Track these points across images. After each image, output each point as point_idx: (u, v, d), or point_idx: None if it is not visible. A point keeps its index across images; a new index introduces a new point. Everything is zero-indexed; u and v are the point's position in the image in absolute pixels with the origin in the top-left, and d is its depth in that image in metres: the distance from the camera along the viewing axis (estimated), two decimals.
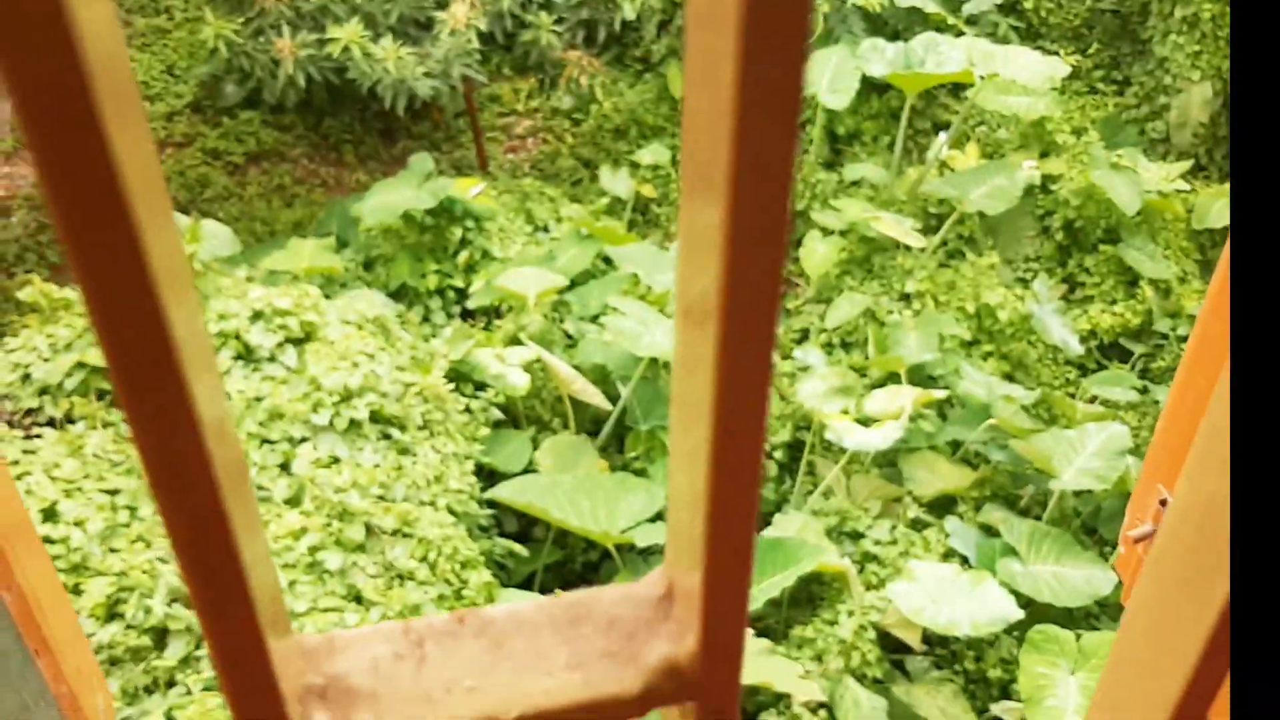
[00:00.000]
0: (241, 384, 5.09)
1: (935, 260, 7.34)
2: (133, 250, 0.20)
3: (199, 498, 0.21)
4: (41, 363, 5.08)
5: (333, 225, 7.74)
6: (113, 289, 0.20)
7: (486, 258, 7.14)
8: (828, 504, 6.04)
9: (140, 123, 0.23)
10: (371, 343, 5.45)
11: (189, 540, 0.22)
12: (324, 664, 0.22)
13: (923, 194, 7.60)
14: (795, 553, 5.47)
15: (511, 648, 0.22)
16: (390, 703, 0.22)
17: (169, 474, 0.21)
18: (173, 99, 9.31)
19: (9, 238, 8.05)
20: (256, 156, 8.86)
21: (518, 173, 8.88)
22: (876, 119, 8.37)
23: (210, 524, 0.21)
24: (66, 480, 4.60)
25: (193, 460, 0.21)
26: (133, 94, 0.23)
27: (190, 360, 0.21)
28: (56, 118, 0.19)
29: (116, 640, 4.16)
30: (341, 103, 9.02)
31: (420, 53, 7.47)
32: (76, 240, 0.21)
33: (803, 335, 7.33)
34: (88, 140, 0.19)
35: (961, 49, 7.15)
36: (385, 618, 4.52)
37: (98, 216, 0.20)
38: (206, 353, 0.23)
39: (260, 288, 5.56)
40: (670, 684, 0.22)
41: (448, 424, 5.46)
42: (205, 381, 0.22)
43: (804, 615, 5.71)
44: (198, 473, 0.21)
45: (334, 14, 7.47)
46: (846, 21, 8.39)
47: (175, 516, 0.22)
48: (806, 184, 7.81)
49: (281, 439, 4.92)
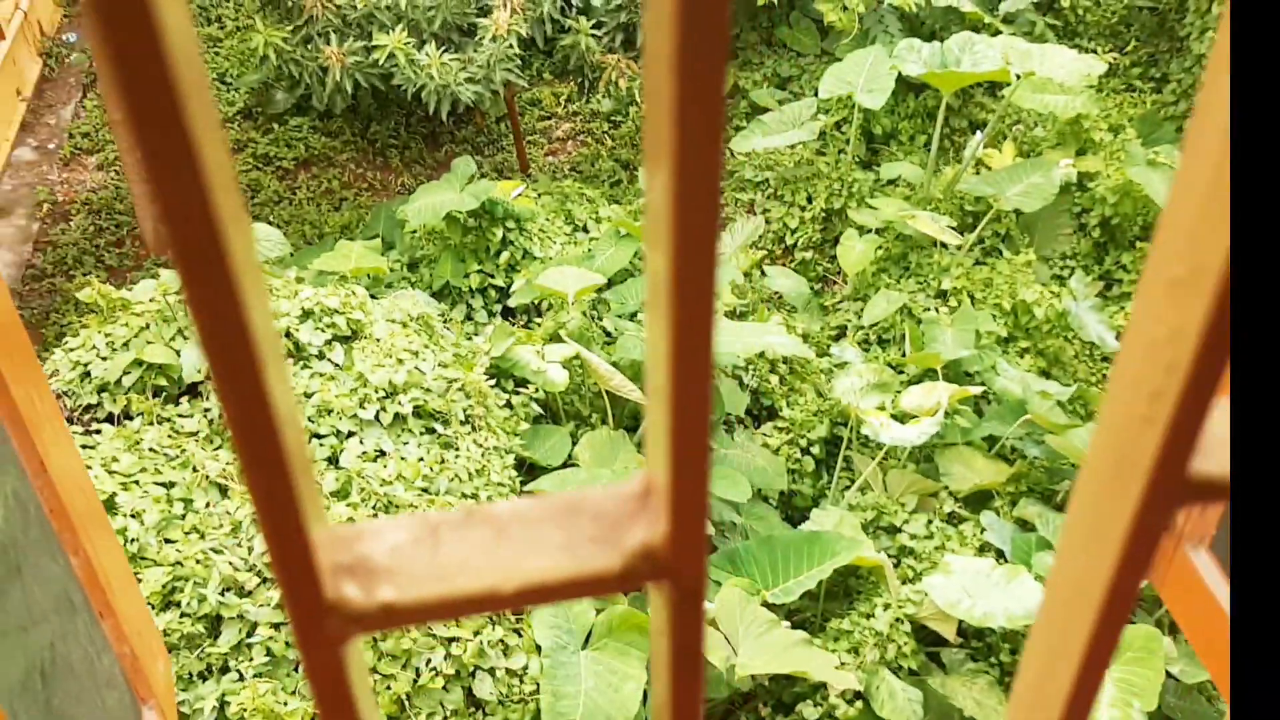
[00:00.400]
0: (291, 380, 5.23)
1: (971, 258, 7.37)
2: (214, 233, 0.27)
3: (263, 421, 0.28)
4: (100, 361, 5.25)
5: (379, 227, 7.91)
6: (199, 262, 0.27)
7: (527, 257, 7.26)
8: (864, 499, 6.10)
9: (216, 124, 0.29)
10: (416, 340, 5.59)
11: (254, 455, 0.29)
12: (354, 547, 0.30)
13: (959, 192, 7.63)
14: (832, 546, 5.54)
15: (513, 535, 0.31)
16: (408, 577, 0.30)
17: (243, 401, 0.29)
18: (225, 106, 9.52)
19: (68, 241, 8.28)
20: (306, 162, 9.05)
21: (558, 174, 9.00)
22: (913, 118, 8.40)
23: (270, 439, 0.29)
24: (124, 474, 4.77)
25: (257, 388, 0.28)
26: (207, 93, 0.29)
27: None
28: (147, 111, 0.26)
29: (172, 628, 4.32)
30: (387, 108, 9.19)
31: (463, 59, 7.61)
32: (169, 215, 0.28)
33: (840, 332, 7.38)
34: (175, 134, 0.26)
35: (998, 48, 7.17)
36: None
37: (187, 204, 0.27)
38: None
39: (309, 288, 5.71)
40: (646, 565, 0.31)
41: (489, 419, 5.58)
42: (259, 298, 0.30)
43: (840, 608, 5.78)
44: (261, 400, 0.28)
45: (380, 21, 7.63)
46: (883, 21, 8.43)
47: (245, 436, 0.29)
48: (844, 183, 7.86)
49: (330, 433, 5.07)
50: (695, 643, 0.33)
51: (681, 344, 0.27)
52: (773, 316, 6.98)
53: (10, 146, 9.16)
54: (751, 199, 8.33)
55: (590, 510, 0.31)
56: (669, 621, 0.32)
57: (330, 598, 0.29)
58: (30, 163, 9.12)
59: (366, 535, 0.31)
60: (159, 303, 5.46)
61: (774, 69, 9.16)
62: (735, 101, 9.14)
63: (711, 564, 5.68)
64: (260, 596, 4.45)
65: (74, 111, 9.72)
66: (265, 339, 0.29)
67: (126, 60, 0.24)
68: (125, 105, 0.26)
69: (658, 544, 0.30)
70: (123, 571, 1.64)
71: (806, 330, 7.17)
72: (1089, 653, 0.33)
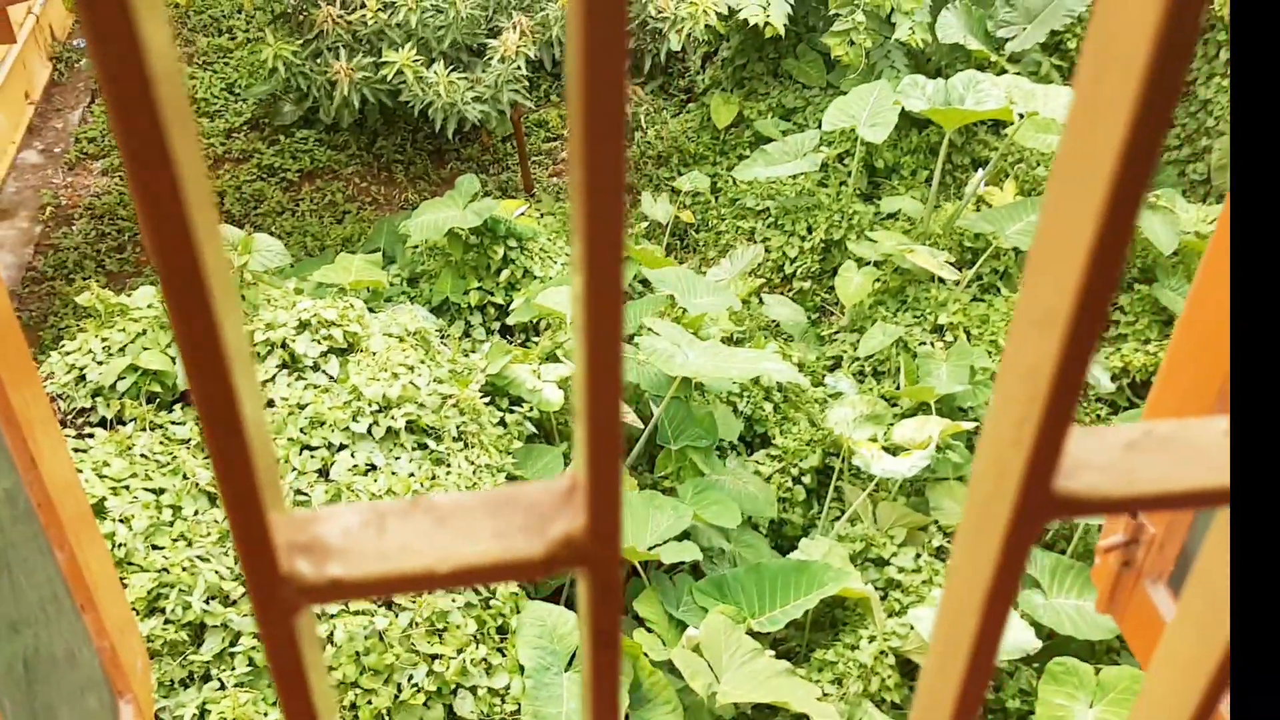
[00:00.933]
0: (285, 391, 5.27)
1: (969, 294, 7.42)
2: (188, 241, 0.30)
3: (230, 415, 0.31)
4: (95, 365, 5.28)
5: (381, 241, 7.96)
6: None
7: (528, 276, 7.31)
8: (854, 530, 6.12)
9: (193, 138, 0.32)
10: (412, 355, 5.62)
11: (220, 444, 0.32)
12: (310, 528, 0.34)
13: (959, 228, 7.69)
14: (819, 576, 5.56)
15: (452, 524, 0.34)
16: (355, 556, 0.33)
17: (212, 397, 0.32)
18: (232, 116, 9.59)
19: (69, 245, 8.33)
20: (311, 174, 9.11)
21: (562, 195, 9.06)
22: (915, 153, 8.47)
23: (235, 431, 0.32)
24: (114, 479, 4.79)
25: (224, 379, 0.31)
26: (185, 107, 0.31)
27: None
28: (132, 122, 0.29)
29: (156, 634, 4.33)
30: (394, 124, 9.26)
31: (471, 78, 7.68)
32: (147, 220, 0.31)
33: (835, 362, 7.42)
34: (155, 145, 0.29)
35: (1001, 87, 7.24)
36: (414, 623, 4.67)
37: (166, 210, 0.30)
38: None
39: (308, 299, 5.75)
40: (566, 552, 0.34)
41: (482, 436, 5.61)
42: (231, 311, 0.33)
43: (826, 639, 5.79)
44: (228, 394, 0.31)
45: (390, 38, 7.70)
46: (889, 57, 8.51)
47: (214, 427, 0.32)
48: (844, 214, 7.92)
49: (321, 445, 5.09)
50: (612, 626, 0.36)
51: (593, 362, 0.30)
52: (769, 344, 7.02)
53: (16, 149, 9.22)
54: (752, 227, 8.39)
55: (523, 503, 0.34)
56: (589, 606, 0.35)
57: (284, 571, 0.32)
58: (36, 166, 9.18)
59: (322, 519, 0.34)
60: (157, 309, 5.50)
61: (779, 100, 9.23)
62: (740, 130, 9.22)
63: (699, 590, 5.69)
64: (245, 606, 4.47)
65: (81, 116, 9.79)
66: (234, 343, 0.32)
67: (111, 76, 0.28)
68: (111, 116, 0.29)
69: (577, 534, 0.33)
70: (107, 570, 1.67)
71: (802, 359, 7.21)
72: (973, 654, 0.36)
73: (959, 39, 8.37)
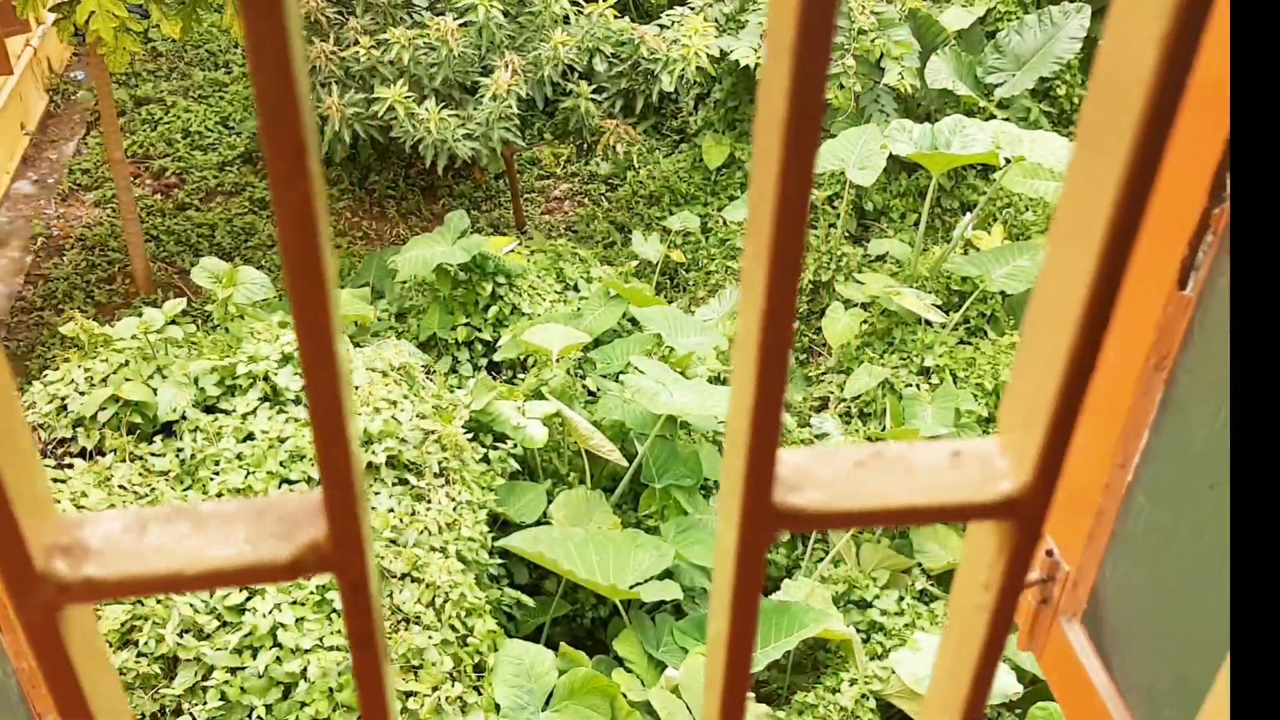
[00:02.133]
0: (266, 424, 5.27)
1: (955, 336, 7.44)
2: None
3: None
4: (77, 396, 5.28)
5: (370, 276, 7.99)
6: None
7: (516, 313, 7.33)
8: (837, 571, 6.10)
9: None
10: (395, 390, 5.62)
11: None
12: (73, 532, 0.35)
13: (946, 271, 7.72)
14: (800, 617, 5.53)
15: (210, 530, 0.35)
16: (112, 557, 0.34)
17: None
18: (226, 149, 9.65)
19: (60, 275, 8.36)
20: None
21: (553, 233, 9.11)
22: (904, 197, 8.53)
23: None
24: (92, 510, 4.78)
25: None
26: None
27: None
28: None
29: (128, 666, 4.30)
30: (387, 160, 9.32)
31: (462, 115, 7.74)
32: None
33: (822, 403, 7.43)
34: None
35: (988, 132, 7.30)
36: (390, 661, 4.63)
37: None
38: None
39: (291, 332, 5.76)
40: (313, 557, 0.35)
41: (464, 472, 5.60)
42: None
43: (807, 681, 5.75)
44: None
45: (382, 75, 7.77)
46: (879, 101, 8.59)
47: None
48: (832, 256, 7.96)
49: (301, 479, 5.08)
50: (367, 628, 0.37)
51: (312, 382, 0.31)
52: None
53: (10, 179, 9.28)
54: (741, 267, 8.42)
55: (277, 511, 0.35)
56: (345, 610, 0.36)
57: (40, 570, 0.33)
58: (28, 196, 9.22)
59: (87, 523, 0.35)
60: (140, 340, 5.51)
61: None
62: (731, 171, 9.28)
63: (679, 630, 5.67)
64: (219, 640, 4.44)
65: (76, 148, 9.86)
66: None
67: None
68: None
69: (323, 542, 0.34)
70: None
71: (789, 399, 7.22)
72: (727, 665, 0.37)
73: (948, 84, 8.45)
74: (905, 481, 0.34)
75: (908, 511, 0.34)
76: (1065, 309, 0.31)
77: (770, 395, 0.31)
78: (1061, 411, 0.32)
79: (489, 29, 7.80)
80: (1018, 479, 0.35)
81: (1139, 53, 0.29)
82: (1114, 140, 0.30)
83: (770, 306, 0.30)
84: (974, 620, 0.37)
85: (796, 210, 0.30)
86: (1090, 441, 1.12)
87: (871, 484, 0.34)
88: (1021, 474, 0.35)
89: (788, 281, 0.30)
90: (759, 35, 8.38)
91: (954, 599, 0.39)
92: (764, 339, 0.30)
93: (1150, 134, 0.29)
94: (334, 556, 0.34)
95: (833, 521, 0.34)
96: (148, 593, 0.33)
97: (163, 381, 5.35)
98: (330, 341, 0.30)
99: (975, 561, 0.37)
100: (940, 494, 0.34)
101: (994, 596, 0.36)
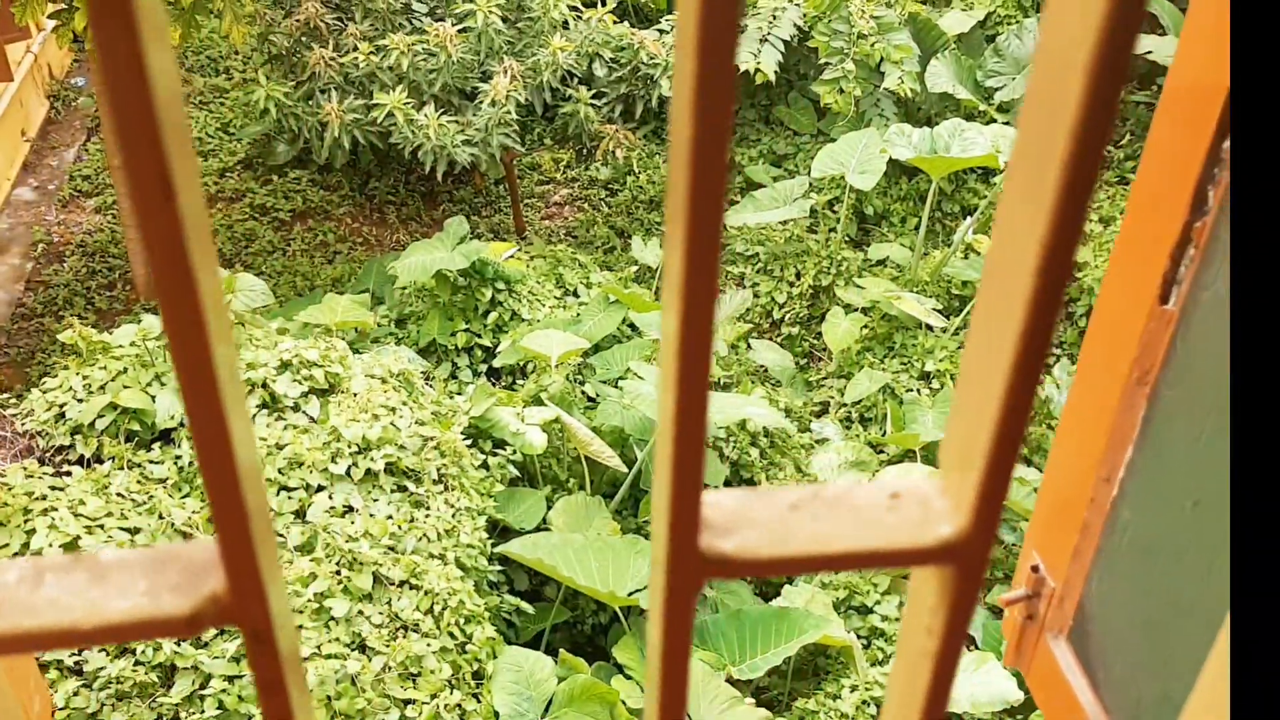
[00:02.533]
0: (264, 431, 5.25)
1: (956, 341, 7.41)
2: None
3: None
4: (75, 403, 5.27)
5: (369, 282, 7.97)
6: None
7: (515, 319, 7.31)
8: (837, 577, 6.08)
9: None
10: (394, 397, 5.61)
11: None
12: None
13: (946, 276, 7.70)
14: (800, 623, 5.51)
15: (110, 580, 0.33)
16: (5, 610, 0.33)
17: None
18: (226, 155, 9.65)
19: (60, 282, 8.35)
20: (303, 214, 9.14)
21: (553, 238, 9.09)
22: (905, 200, 8.51)
23: None
24: (90, 517, 4.76)
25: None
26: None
27: None
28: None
29: (125, 675, 4.29)
30: (387, 166, 9.31)
31: (461, 121, 7.73)
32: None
33: (822, 408, 7.40)
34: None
35: (987, 135, 7.28)
36: (387, 668, 4.62)
37: None
38: None
39: (290, 340, 5.75)
40: (213, 610, 0.34)
41: (463, 479, 5.58)
42: None
43: (807, 687, 5.73)
44: None
45: (381, 81, 7.76)
46: (879, 105, 8.57)
47: None
48: (833, 261, 7.93)
49: (299, 486, 5.07)
50: (273, 677, 0.35)
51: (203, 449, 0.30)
52: (756, 389, 7.01)
53: (11, 186, 9.27)
54: (741, 272, 8.40)
55: (181, 562, 0.33)
56: (249, 659, 0.35)
57: None
58: (29, 203, 9.22)
59: None
60: (139, 347, 5.49)
61: (770, 146, 9.29)
62: (730, 176, 9.25)
63: None
64: (216, 648, 4.42)
65: (76, 154, 9.86)
66: None
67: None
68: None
69: (223, 594, 0.32)
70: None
71: (789, 405, 7.19)
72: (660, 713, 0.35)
73: (948, 88, 8.43)
74: (842, 525, 0.33)
75: (843, 557, 0.32)
76: (999, 347, 0.29)
77: (691, 435, 0.30)
78: (999, 451, 0.31)
79: (488, 35, 7.79)
80: (956, 522, 0.33)
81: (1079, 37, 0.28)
82: (1046, 179, 0.29)
83: (685, 329, 0.28)
84: (919, 665, 0.35)
85: (707, 251, 0.28)
86: (1075, 456, 1.11)
87: (807, 528, 0.33)
88: (960, 517, 0.33)
89: (703, 316, 0.28)
90: (758, 40, 8.37)
91: (900, 642, 0.37)
92: (681, 362, 0.29)
93: (1078, 178, 0.28)
94: (235, 607, 0.33)
95: (764, 568, 0.32)
96: (40, 649, 0.32)
97: (161, 389, 5.33)
98: (210, 378, 0.28)
99: (917, 606, 0.35)
100: (878, 538, 0.32)
101: (938, 642, 0.34)
